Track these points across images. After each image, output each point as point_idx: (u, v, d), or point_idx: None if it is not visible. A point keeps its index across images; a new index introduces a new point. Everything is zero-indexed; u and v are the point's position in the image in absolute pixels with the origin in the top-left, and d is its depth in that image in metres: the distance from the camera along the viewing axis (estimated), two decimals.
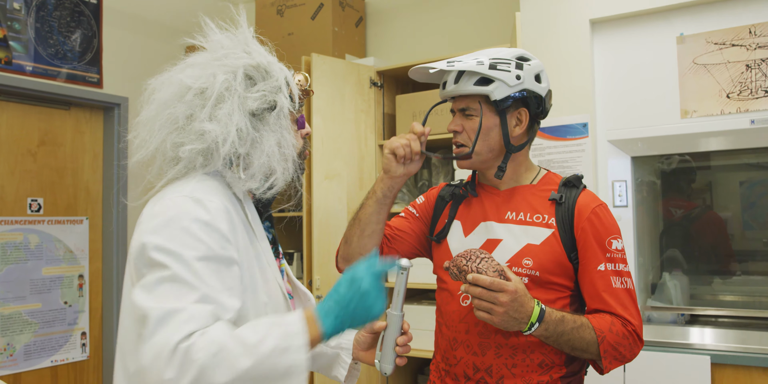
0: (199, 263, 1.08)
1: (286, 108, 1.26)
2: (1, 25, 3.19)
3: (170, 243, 1.09)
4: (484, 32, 3.53)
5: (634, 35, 2.72)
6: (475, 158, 1.54)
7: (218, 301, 1.07)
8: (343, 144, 3.21)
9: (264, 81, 1.25)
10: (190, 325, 1.02)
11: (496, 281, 1.30)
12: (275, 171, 1.24)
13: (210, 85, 1.22)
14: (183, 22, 4.18)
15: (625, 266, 1.49)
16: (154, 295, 1.05)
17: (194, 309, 1.04)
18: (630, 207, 2.73)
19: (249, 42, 1.30)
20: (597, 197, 1.54)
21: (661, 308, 2.76)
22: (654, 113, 2.65)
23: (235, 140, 1.20)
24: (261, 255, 1.25)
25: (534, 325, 1.35)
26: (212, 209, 1.14)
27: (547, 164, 2.78)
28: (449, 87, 1.53)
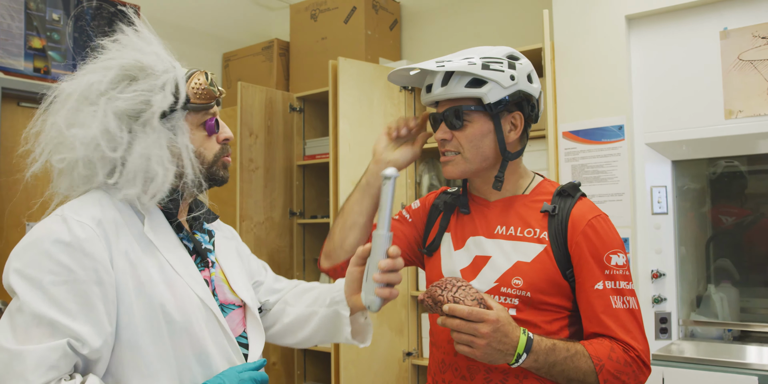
0: (57, 289, 1.06)
1: (164, 108, 1.19)
2: (41, 35, 3.26)
3: (29, 268, 1.08)
4: (518, 32, 3.40)
5: (673, 31, 2.55)
6: (467, 167, 1.40)
7: (75, 333, 1.05)
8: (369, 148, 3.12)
9: (144, 80, 1.20)
10: (39, 373, 1.00)
11: (475, 310, 1.19)
12: (157, 175, 1.18)
13: (76, 88, 1.19)
14: (220, 29, 4.21)
15: (628, 284, 1.33)
16: (9, 329, 1.04)
17: (44, 350, 1.02)
18: (671, 214, 2.56)
19: (141, 41, 1.25)
20: (595, 207, 1.40)
21: (705, 323, 2.57)
22: (695, 114, 2.47)
23: (101, 143, 1.16)
24: (164, 266, 1.19)
25: (521, 357, 1.22)
26: (75, 228, 1.10)
27: (580, 169, 2.64)
28: (436, 90, 1.37)
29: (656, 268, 2.49)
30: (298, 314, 1.45)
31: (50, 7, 3.30)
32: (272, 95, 3.59)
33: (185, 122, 1.24)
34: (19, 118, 3.21)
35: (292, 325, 1.46)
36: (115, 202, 1.20)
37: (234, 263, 1.39)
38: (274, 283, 1.56)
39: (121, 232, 1.16)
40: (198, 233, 1.35)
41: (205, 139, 1.28)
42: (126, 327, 1.12)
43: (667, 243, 2.53)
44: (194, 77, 1.25)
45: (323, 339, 1.46)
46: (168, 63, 1.23)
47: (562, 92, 2.71)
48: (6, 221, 3.10)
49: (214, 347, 1.20)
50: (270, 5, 4.48)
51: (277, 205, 3.55)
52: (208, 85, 1.25)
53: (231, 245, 1.44)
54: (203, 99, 1.25)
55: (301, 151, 3.71)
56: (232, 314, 1.30)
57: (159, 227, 1.23)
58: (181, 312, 1.16)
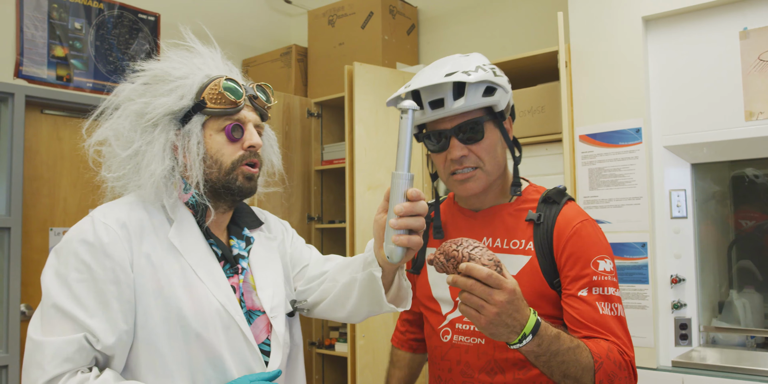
0: (78, 285, 1.13)
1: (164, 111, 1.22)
2: (63, 44, 3.33)
3: (59, 264, 1.16)
4: (535, 35, 3.37)
5: (691, 32, 2.50)
6: (488, 180, 1.36)
7: (91, 329, 1.12)
8: (387, 154, 3.13)
9: (158, 85, 1.26)
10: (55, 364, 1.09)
11: (495, 274, 1.06)
12: (148, 165, 1.22)
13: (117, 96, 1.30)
14: (240, 36, 4.25)
15: (616, 290, 1.29)
16: (38, 320, 1.14)
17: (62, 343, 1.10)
18: (690, 218, 2.51)
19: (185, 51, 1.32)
20: (581, 212, 1.36)
21: (727, 329, 2.51)
22: (715, 116, 2.43)
23: (113, 143, 1.23)
24: (186, 271, 1.22)
25: (526, 338, 1.11)
26: (99, 229, 1.17)
27: (597, 173, 2.60)
28: (455, 104, 1.28)
29: (675, 273, 2.44)
30: (343, 284, 1.37)
31: (72, 16, 3.36)
32: (290, 101, 3.61)
33: (205, 128, 1.25)
34: (43, 125, 3.27)
35: (339, 297, 1.38)
36: (147, 206, 1.25)
37: (267, 269, 1.38)
38: (323, 264, 1.49)
39: (145, 236, 1.21)
40: (235, 239, 1.36)
41: (225, 145, 1.26)
42: (143, 327, 1.17)
43: (687, 247, 2.49)
44: (213, 82, 1.25)
45: (370, 308, 1.34)
46: (193, 69, 1.27)
47: (578, 95, 2.68)
48: (31, 226, 3.16)
49: (230, 353, 1.21)
50: (289, 12, 4.51)
51: (295, 210, 3.57)
52: (222, 89, 1.24)
53: (272, 247, 1.43)
54: (219, 104, 1.25)
55: (319, 156, 3.72)
56: (257, 321, 1.30)
57: (187, 232, 1.25)
58: (197, 317, 1.19)
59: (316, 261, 1.50)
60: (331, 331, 3.60)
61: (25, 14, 3.19)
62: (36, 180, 3.22)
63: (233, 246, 1.35)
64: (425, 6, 3.94)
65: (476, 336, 1.34)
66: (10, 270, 2.98)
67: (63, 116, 3.35)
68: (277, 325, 1.31)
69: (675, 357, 2.37)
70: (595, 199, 2.60)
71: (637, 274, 2.44)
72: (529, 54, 2.85)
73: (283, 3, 4.41)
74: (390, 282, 1.30)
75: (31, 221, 3.16)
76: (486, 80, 1.27)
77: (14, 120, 3.07)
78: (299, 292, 1.47)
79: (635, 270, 2.45)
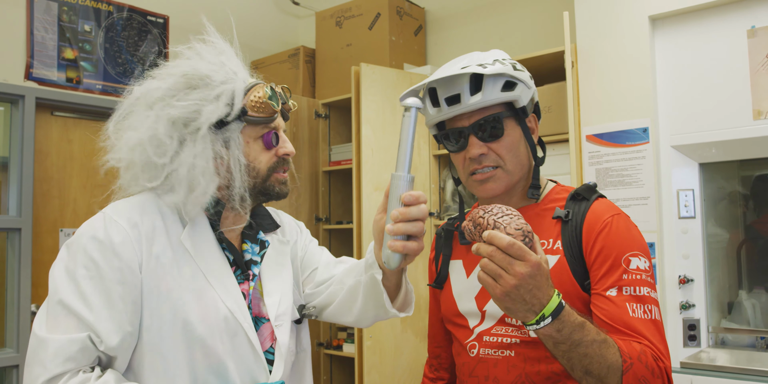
0: (86, 282, 1.11)
1: (213, 119, 1.19)
2: (73, 46, 3.36)
3: (69, 260, 1.15)
4: (542, 35, 3.37)
5: (698, 30, 2.49)
6: (510, 180, 1.28)
7: (95, 328, 1.10)
8: (394, 155, 3.14)
9: (200, 89, 1.21)
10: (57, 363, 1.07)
11: (517, 244, 0.97)
12: (199, 185, 1.18)
13: (139, 92, 1.23)
14: (248, 37, 4.26)
15: (651, 290, 1.17)
16: (44, 316, 1.12)
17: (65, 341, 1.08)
18: (698, 218, 2.49)
19: (213, 51, 1.27)
20: (614, 206, 1.27)
21: (737, 330, 2.49)
22: (723, 115, 2.41)
23: (147, 148, 1.18)
24: (196, 275, 1.20)
25: (545, 319, 1.01)
26: (110, 227, 1.15)
27: (605, 172, 2.60)
28: (470, 99, 1.22)
29: (684, 273, 2.43)
30: (349, 287, 1.34)
31: (82, 19, 3.39)
32: (297, 102, 3.62)
33: (241, 135, 1.23)
34: (53, 126, 3.30)
35: (346, 301, 1.34)
36: (161, 207, 1.22)
37: (276, 275, 1.35)
38: (333, 267, 1.46)
39: (157, 237, 1.18)
40: (248, 243, 1.34)
41: (261, 152, 1.26)
42: (148, 329, 1.15)
43: (695, 248, 2.47)
44: (254, 90, 1.24)
45: (376, 312, 1.30)
46: (230, 73, 1.24)
47: (585, 95, 2.67)
48: (41, 227, 3.18)
49: (234, 361, 1.19)
50: (297, 13, 4.53)
51: (302, 211, 3.58)
52: (266, 99, 1.23)
53: (285, 251, 1.40)
54: (261, 112, 1.24)
55: (326, 157, 3.73)
56: (262, 328, 1.28)
57: (200, 236, 1.23)
58: (202, 323, 1.16)
59: (326, 264, 1.47)
60: (339, 331, 3.60)
61: (36, 17, 3.22)
62: (46, 181, 3.24)
63: (246, 251, 1.33)
64: (433, 7, 3.94)
65: (504, 348, 1.24)
66: (21, 270, 3.00)
67: (73, 118, 3.38)
68: (280, 334, 1.29)
69: (683, 358, 2.36)
70: None
71: None
72: (536, 54, 2.85)
73: (291, 4, 4.43)
74: (396, 284, 1.27)
75: (42, 222, 3.19)
76: (504, 74, 1.21)
77: (25, 122, 3.10)
78: (306, 295, 1.44)
79: None
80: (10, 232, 3.04)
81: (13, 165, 3.09)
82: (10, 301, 3.03)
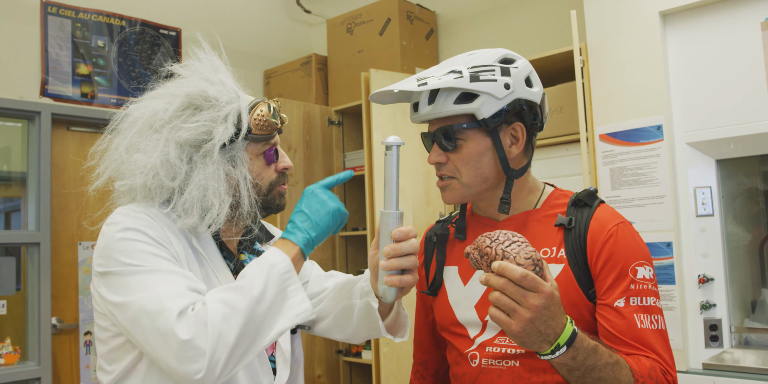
0: (150, 258, 1.11)
1: (225, 140, 1.20)
2: (87, 62, 3.41)
3: (118, 255, 1.12)
4: (554, 34, 3.33)
5: (710, 24, 2.44)
6: (466, 192, 1.26)
7: (187, 275, 1.11)
8: (407, 160, 3.12)
9: (207, 110, 1.21)
10: (184, 297, 1.06)
11: (531, 275, 0.95)
12: (213, 206, 1.19)
13: (141, 115, 1.22)
14: (261, 47, 4.29)
15: (657, 300, 1.17)
16: (120, 290, 1.09)
17: (173, 285, 1.08)
18: (717, 216, 2.43)
19: (210, 68, 1.27)
20: (617, 214, 1.25)
21: (761, 330, 2.42)
22: (739, 110, 2.36)
23: (160, 172, 1.18)
24: (211, 277, 1.22)
25: (560, 349, 0.99)
26: (137, 219, 1.15)
27: (619, 172, 2.55)
28: (423, 109, 1.22)
29: (703, 272, 2.37)
30: (342, 308, 1.37)
31: (95, 35, 3.44)
32: (310, 109, 3.63)
33: (245, 152, 1.26)
34: (69, 141, 3.35)
35: (339, 320, 1.38)
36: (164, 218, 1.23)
37: None
38: (324, 281, 1.49)
39: (172, 236, 1.20)
40: (246, 254, 1.36)
41: (263, 169, 1.30)
42: None
43: (715, 246, 2.41)
44: (257, 108, 1.26)
45: (369, 333, 1.34)
46: (233, 93, 1.25)
47: (597, 93, 2.64)
48: (60, 241, 3.23)
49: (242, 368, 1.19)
50: (309, 21, 4.55)
51: None
52: (270, 117, 1.26)
53: None
54: (264, 130, 1.27)
55: (341, 164, 3.73)
56: None
57: (206, 243, 1.26)
58: None
59: (317, 278, 1.49)
60: None
61: (50, 34, 3.27)
62: (64, 196, 3.29)
63: (245, 261, 1.35)
64: (444, 10, 3.93)
65: (509, 358, 1.22)
66: (41, 284, 3.04)
67: (89, 132, 3.42)
68: (282, 342, 1.31)
69: (706, 359, 2.30)
70: (617, 199, 2.54)
71: (663, 275, 2.38)
72: (546, 54, 2.82)
73: (303, 13, 4.45)
74: (389, 309, 1.30)
75: (60, 236, 3.23)
76: (455, 88, 1.18)
77: (41, 138, 3.15)
78: None
79: (661, 270, 2.39)
80: (30, 247, 3.09)
81: (31, 180, 3.14)
82: (31, 315, 3.07)
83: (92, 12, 3.44)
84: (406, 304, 1.35)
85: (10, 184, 3.30)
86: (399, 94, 1.29)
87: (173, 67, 1.30)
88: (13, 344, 3.00)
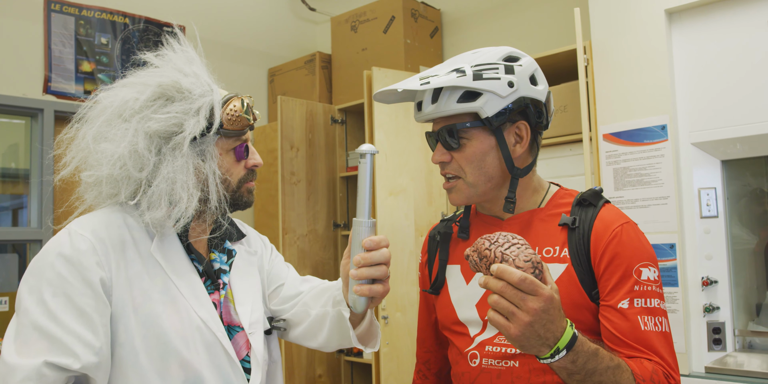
0: (55, 300, 1.08)
1: (196, 133, 1.18)
2: (90, 59, 3.40)
3: (34, 279, 1.11)
4: (559, 32, 3.30)
5: (717, 22, 2.40)
6: (472, 192, 1.26)
7: (69, 347, 1.05)
8: (409, 158, 3.10)
9: (179, 102, 1.19)
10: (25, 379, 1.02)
11: (530, 279, 0.95)
12: (181, 200, 1.16)
13: (110, 103, 1.19)
14: (265, 45, 4.28)
15: (661, 302, 1.15)
16: (13, 340, 1.07)
17: (35, 366, 1.03)
18: (721, 218, 2.40)
19: (184, 59, 1.24)
20: (622, 214, 1.24)
21: (765, 333, 2.39)
22: (747, 109, 2.32)
23: (127, 163, 1.15)
24: (168, 286, 1.18)
25: (560, 353, 0.98)
26: (77, 241, 1.12)
27: (622, 172, 2.52)
28: (426, 108, 1.23)
29: (707, 274, 2.34)
30: (315, 315, 1.36)
31: (99, 32, 3.44)
32: (313, 108, 3.62)
33: (215, 147, 1.24)
34: None
35: (312, 327, 1.37)
36: (127, 219, 1.21)
37: (246, 284, 1.35)
38: (299, 285, 1.47)
39: (126, 249, 1.17)
40: (216, 253, 1.34)
41: (233, 165, 1.28)
42: (122, 345, 1.13)
43: (719, 248, 2.38)
44: (230, 103, 1.24)
45: (340, 342, 1.34)
46: (206, 86, 1.23)
47: (601, 93, 2.60)
48: None
49: (210, 371, 1.18)
50: (314, 19, 4.53)
51: (320, 218, 3.56)
52: (242, 113, 1.24)
53: (252, 261, 1.41)
54: (236, 126, 1.25)
55: (344, 163, 3.71)
56: (236, 337, 1.27)
57: (168, 248, 1.23)
58: (176, 333, 1.15)
59: (293, 281, 1.47)
60: None
61: (53, 32, 3.27)
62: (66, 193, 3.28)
63: (214, 260, 1.33)
64: (448, 8, 3.90)
65: (508, 359, 1.21)
66: None
67: None
68: (255, 342, 1.28)
69: (709, 363, 2.27)
70: (621, 200, 2.51)
71: (666, 277, 2.35)
72: (551, 52, 2.79)
73: (308, 11, 4.43)
74: (361, 318, 1.29)
75: None
76: (457, 86, 1.19)
77: (44, 135, 3.15)
78: (273, 311, 1.44)
79: (664, 272, 2.36)
80: (32, 244, 3.09)
81: (34, 177, 3.15)
82: None
83: (96, 9, 3.43)
84: (409, 304, 1.34)
85: (18, 181, 3.30)
86: (403, 94, 1.30)
87: (146, 56, 1.27)
88: None
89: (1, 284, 3.06)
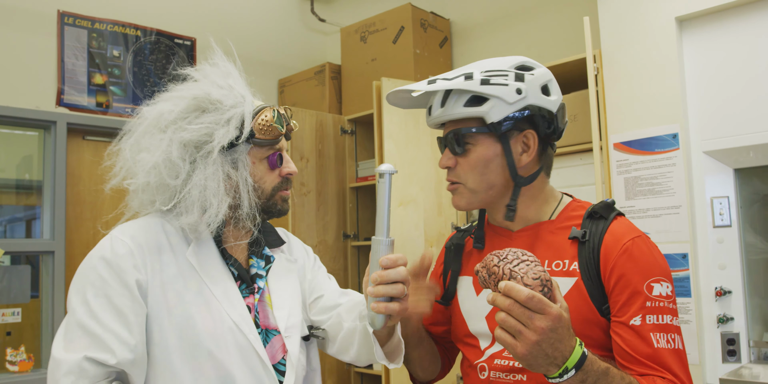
0: (97, 301, 1.16)
1: (225, 142, 1.24)
2: (102, 71, 3.44)
3: (80, 281, 1.20)
4: (568, 41, 3.29)
5: (728, 30, 2.39)
6: (472, 198, 1.25)
7: (107, 344, 1.13)
8: (418, 168, 3.10)
9: (211, 113, 1.25)
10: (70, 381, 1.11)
11: (537, 297, 0.93)
12: (211, 205, 1.22)
13: (149, 115, 1.27)
14: (275, 56, 4.30)
15: (674, 318, 1.13)
16: (62, 337, 1.17)
17: (78, 360, 1.12)
18: (735, 227, 2.37)
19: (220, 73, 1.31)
20: (633, 227, 1.21)
21: None
22: (758, 118, 2.30)
23: (162, 171, 1.22)
24: (203, 289, 1.24)
25: (568, 372, 0.97)
26: (116, 245, 1.20)
27: (633, 181, 2.50)
28: (435, 111, 1.24)
29: (720, 285, 2.31)
30: (347, 329, 1.36)
31: (111, 44, 3.47)
32: (323, 118, 3.62)
33: (248, 156, 1.29)
34: (85, 150, 3.38)
35: (345, 341, 1.37)
36: (165, 226, 1.28)
37: (284, 289, 1.38)
38: (338, 297, 1.47)
39: (163, 254, 1.24)
40: (255, 258, 1.38)
41: (267, 173, 1.32)
42: (157, 344, 1.19)
43: (732, 258, 2.35)
44: (262, 113, 1.29)
45: (368, 357, 1.32)
46: (239, 97, 1.29)
47: (611, 101, 2.59)
48: (75, 250, 3.25)
49: (242, 372, 1.22)
50: (324, 30, 4.55)
51: (330, 228, 3.56)
52: (273, 122, 1.29)
53: (291, 268, 1.44)
54: (267, 135, 1.30)
55: (353, 173, 3.71)
56: (273, 340, 1.31)
57: (204, 252, 1.29)
58: (209, 334, 1.21)
59: (332, 293, 1.47)
60: None
61: (66, 45, 3.31)
62: (79, 205, 3.31)
63: (252, 265, 1.37)
64: (458, 18, 3.90)
65: (516, 372, 1.20)
66: (54, 293, 3.06)
67: (104, 142, 3.45)
68: (290, 346, 1.31)
69: (723, 374, 2.23)
70: (632, 210, 2.49)
71: (679, 287, 2.32)
72: (560, 61, 2.78)
73: (318, 22, 4.46)
74: (388, 334, 1.28)
75: (75, 245, 3.25)
76: (465, 90, 1.19)
77: (57, 147, 3.18)
78: (312, 321, 1.46)
79: (677, 283, 2.33)
80: (44, 255, 3.11)
81: (47, 189, 3.17)
82: (45, 323, 3.09)
83: (108, 22, 3.47)
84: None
85: (32, 192, 3.33)
86: (415, 99, 1.33)
87: (187, 71, 1.34)
88: (27, 352, 3.01)
89: (15, 296, 3.08)
